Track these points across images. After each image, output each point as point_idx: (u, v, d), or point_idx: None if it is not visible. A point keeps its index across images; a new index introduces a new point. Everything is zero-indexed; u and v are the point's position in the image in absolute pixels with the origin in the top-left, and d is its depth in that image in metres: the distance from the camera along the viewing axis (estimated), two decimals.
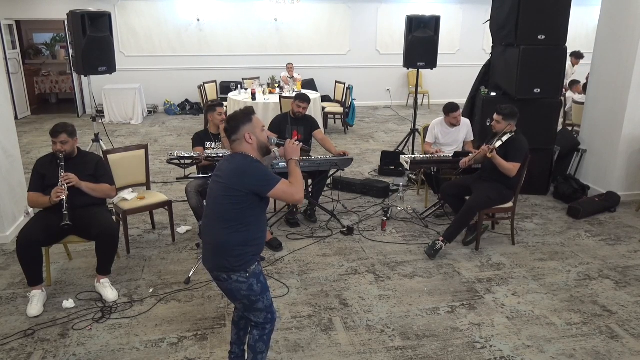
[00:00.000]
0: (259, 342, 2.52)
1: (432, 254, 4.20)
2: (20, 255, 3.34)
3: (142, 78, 10.42)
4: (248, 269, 2.38)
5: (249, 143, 2.39)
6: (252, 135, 2.39)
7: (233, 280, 2.37)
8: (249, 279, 2.38)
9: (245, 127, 2.38)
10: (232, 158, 2.41)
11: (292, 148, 2.51)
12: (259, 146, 2.42)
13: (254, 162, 2.36)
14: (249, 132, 2.38)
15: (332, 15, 11.05)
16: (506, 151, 4.14)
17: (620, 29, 5.26)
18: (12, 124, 4.81)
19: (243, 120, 2.39)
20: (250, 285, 2.38)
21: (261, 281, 2.43)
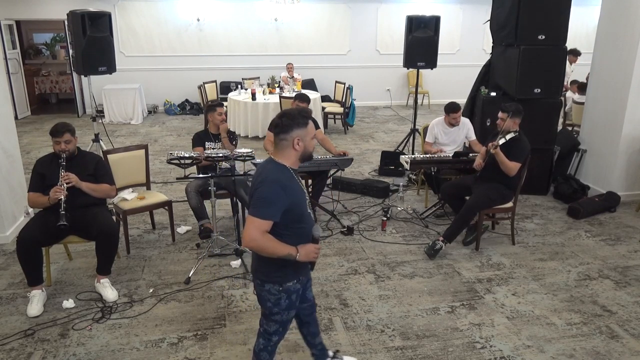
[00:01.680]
0: (263, 351, 2.50)
1: (432, 254, 4.20)
2: (20, 255, 3.34)
3: (142, 78, 10.42)
4: (283, 284, 2.30)
5: (294, 149, 2.20)
6: (301, 142, 2.19)
7: (265, 289, 2.32)
8: (280, 294, 2.31)
9: (297, 132, 2.17)
10: (266, 165, 2.26)
11: (308, 256, 2.24)
12: (303, 155, 2.24)
13: (277, 181, 2.14)
14: (299, 138, 2.18)
15: (332, 15, 11.05)
16: (508, 150, 4.14)
17: (620, 29, 5.26)
18: (12, 124, 4.81)
19: (298, 123, 2.17)
20: (278, 299, 2.32)
21: (291, 299, 2.35)
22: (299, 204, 2.22)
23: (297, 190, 2.22)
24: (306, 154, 2.25)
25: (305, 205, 2.27)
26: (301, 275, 2.36)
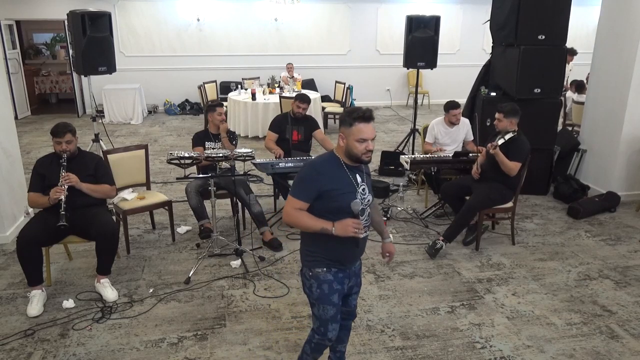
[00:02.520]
0: (306, 343, 2.57)
1: (432, 253, 4.20)
2: (20, 255, 3.34)
3: (142, 78, 10.42)
4: (313, 269, 2.37)
5: (339, 144, 2.33)
6: (345, 140, 2.29)
7: (302, 272, 2.45)
8: (310, 279, 2.38)
9: (342, 129, 2.31)
10: (323, 154, 2.46)
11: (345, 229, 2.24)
12: (347, 152, 2.29)
13: (314, 166, 2.33)
14: (343, 136, 2.30)
15: (332, 15, 11.05)
16: (508, 150, 4.14)
17: (620, 29, 5.26)
18: (12, 124, 4.81)
19: (344, 121, 2.30)
20: (310, 285, 2.39)
21: (322, 289, 2.36)
22: (335, 194, 2.27)
23: (338, 179, 2.29)
24: (352, 154, 2.28)
25: (344, 199, 2.27)
26: (334, 265, 2.37)
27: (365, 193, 2.36)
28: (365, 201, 2.36)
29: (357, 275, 2.57)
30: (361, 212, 2.33)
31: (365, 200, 2.36)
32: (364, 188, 2.36)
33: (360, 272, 2.59)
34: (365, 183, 2.38)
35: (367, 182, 2.41)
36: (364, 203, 2.35)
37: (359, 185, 2.34)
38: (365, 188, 2.37)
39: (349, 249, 2.39)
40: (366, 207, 2.37)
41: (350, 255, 2.43)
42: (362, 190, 2.35)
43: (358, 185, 2.33)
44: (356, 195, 2.32)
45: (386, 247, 2.67)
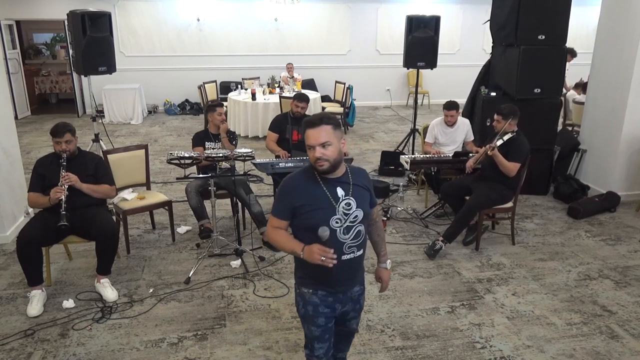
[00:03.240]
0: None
1: (431, 254, 4.20)
2: (20, 255, 3.34)
3: (142, 78, 10.42)
4: (300, 287, 2.21)
5: None
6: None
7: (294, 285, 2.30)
8: (297, 296, 2.24)
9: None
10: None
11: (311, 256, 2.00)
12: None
13: (288, 179, 2.14)
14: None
15: (332, 15, 11.05)
16: (507, 151, 4.14)
17: (620, 29, 5.26)
18: (12, 124, 4.81)
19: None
20: (297, 302, 2.25)
21: (307, 309, 2.19)
22: (308, 210, 2.06)
23: (311, 194, 2.06)
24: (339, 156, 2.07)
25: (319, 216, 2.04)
26: (321, 288, 2.16)
27: (350, 208, 2.08)
28: (351, 218, 2.07)
29: (355, 301, 2.29)
30: (345, 230, 2.06)
31: (349, 217, 2.07)
32: (348, 203, 2.08)
33: (360, 297, 2.31)
34: (352, 196, 2.09)
35: (357, 195, 2.11)
36: (349, 221, 2.07)
37: (340, 200, 2.06)
38: (350, 203, 2.08)
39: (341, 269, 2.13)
40: (356, 225, 2.09)
41: (339, 280, 2.16)
42: (346, 205, 2.07)
43: (339, 199, 2.06)
44: (336, 211, 2.05)
45: (378, 272, 2.44)
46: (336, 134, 2.04)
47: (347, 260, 2.12)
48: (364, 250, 2.19)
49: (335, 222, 2.06)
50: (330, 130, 2.02)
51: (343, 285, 2.19)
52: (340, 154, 2.06)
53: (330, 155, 2.01)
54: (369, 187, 2.22)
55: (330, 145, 2.02)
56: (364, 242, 2.18)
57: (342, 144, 2.09)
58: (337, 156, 2.04)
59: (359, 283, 2.27)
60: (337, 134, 2.05)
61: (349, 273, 2.18)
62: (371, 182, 2.26)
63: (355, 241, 2.12)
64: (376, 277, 2.48)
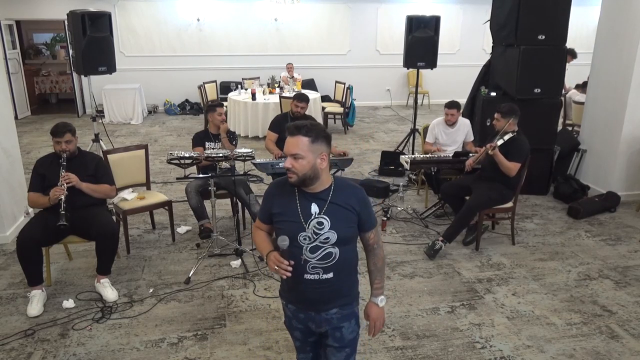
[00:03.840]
0: None
1: (431, 254, 4.20)
2: (20, 255, 3.34)
3: (142, 78, 10.42)
4: (281, 293, 2.15)
5: None
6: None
7: None
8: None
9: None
10: None
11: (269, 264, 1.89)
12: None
13: (273, 184, 2.07)
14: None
15: (332, 15, 11.05)
16: (507, 150, 4.14)
17: (620, 29, 5.26)
18: (12, 124, 4.81)
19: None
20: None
21: (285, 319, 2.16)
22: (280, 219, 1.97)
23: (286, 204, 1.96)
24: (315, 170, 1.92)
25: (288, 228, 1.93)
26: (291, 302, 2.07)
27: (321, 228, 1.90)
28: (321, 238, 1.90)
29: (335, 327, 2.03)
30: (313, 249, 1.91)
31: (320, 237, 1.90)
32: (320, 222, 1.90)
33: (343, 326, 2.03)
34: (326, 215, 1.90)
35: (333, 215, 1.91)
36: (319, 240, 1.91)
37: (311, 217, 1.91)
38: (323, 222, 1.90)
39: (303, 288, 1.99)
40: (326, 247, 1.91)
41: (305, 299, 2.01)
42: (318, 224, 1.90)
43: (310, 216, 1.91)
44: (304, 227, 1.90)
45: (367, 308, 2.13)
46: (313, 148, 1.86)
47: (312, 281, 1.95)
48: (337, 275, 1.96)
49: (303, 238, 1.91)
50: (306, 143, 1.85)
51: (311, 305, 2.02)
52: (314, 169, 1.87)
53: (299, 169, 1.85)
54: (358, 209, 1.97)
55: (301, 159, 1.85)
56: (338, 266, 1.95)
57: (321, 159, 1.88)
58: (309, 171, 1.86)
59: (336, 307, 2.02)
60: (315, 147, 1.86)
61: (316, 295, 1.98)
62: (367, 204, 2.01)
63: (322, 262, 1.93)
64: (364, 313, 2.15)
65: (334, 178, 1.99)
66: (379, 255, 2.11)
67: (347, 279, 2.04)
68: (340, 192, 1.96)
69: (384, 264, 2.13)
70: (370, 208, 2.04)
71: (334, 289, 1.99)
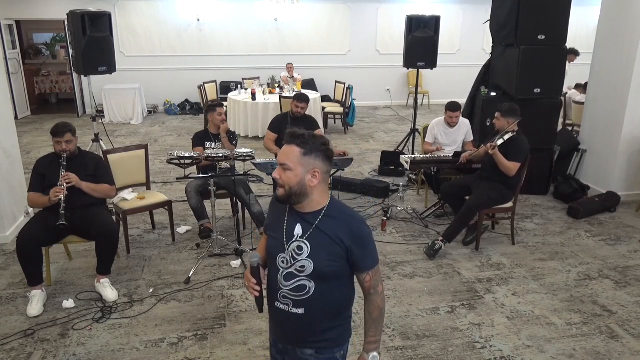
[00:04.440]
0: None
1: (431, 254, 4.20)
2: (20, 255, 3.34)
3: (142, 78, 10.42)
4: None
5: None
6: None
7: None
8: None
9: None
10: None
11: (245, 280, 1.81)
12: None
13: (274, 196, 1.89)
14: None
15: (332, 15, 11.05)
16: (507, 150, 4.14)
17: (620, 29, 5.26)
18: (12, 124, 4.81)
19: None
20: None
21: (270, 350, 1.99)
22: (269, 233, 1.83)
23: (276, 219, 1.80)
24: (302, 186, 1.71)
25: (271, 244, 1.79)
26: (273, 333, 1.89)
27: (300, 254, 1.69)
28: (297, 266, 1.70)
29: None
30: (288, 276, 1.72)
31: (296, 264, 1.70)
32: (300, 246, 1.70)
33: None
34: (308, 242, 1.69)
35: (316, 243, 1.69)
36: (295, 268, 1.71)
37: (293, 239, 1.71)
38: (303, 247, 1.69)
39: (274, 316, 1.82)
40: (301, 277, 1.71)
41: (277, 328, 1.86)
42: (297, 248, 1.70)
43: (292, 238, 1.71)
44: (285, 249, 1.72)
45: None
46: (304, 161, 1.66)
47: (281, 311, 1.76)
48: (310, 313, 1.74)
49: (282, 261, 1.74)
50: (297, 154, 1.66)
51: (283, 336, 1.86)
52: (302, 186, 1.66)
53: (286, 182, 1.66)
54: (348, 244, 1.69)
55: (289, 171, 1.66)
56: (312, 303, 1.72)
57: (312, 176, 1.67)
58: (295, 187, 1.66)
59: (310, 348, 1.80)
60: (307, 161, 1.66)
61: (285, 327, 1.81)
62: (362, 241, 1.72)
63: (293, 294, 1.72)
64: None
65: (331, 199, 1.76)
66: (375, 304, 1.81)
67: (325, 321, 1.78)
68: (332, 218, 1.71)
69: (381, 315, 1.83)
70: (368, 247, 1.74)
71: (305, 327, 1.77)
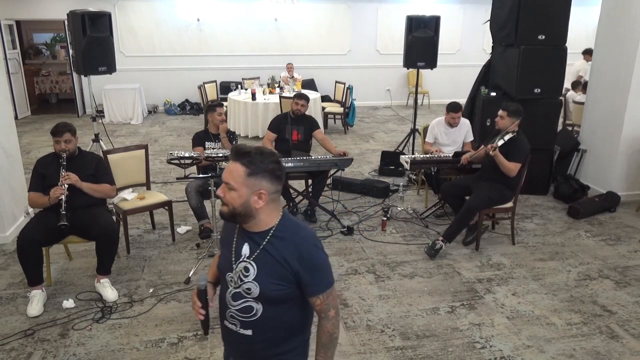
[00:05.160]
0: None
1: (432, 254, 4.20)
2: (20, 255, 3.34)
3: (142, 78, 10.42)
4: None
5: None
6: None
7: None
8: None
9: None
10: None
11: None
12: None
13: None
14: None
15: (332, 15, 11.05)
16: (507, 151, 4.14)
17: (620, 29, 5.26)
18: (12, 124, 4.81)
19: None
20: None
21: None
22: (221, 248, 1.76)
23: (227, 237, 1.73)
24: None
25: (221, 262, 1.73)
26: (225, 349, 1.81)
27: (247, 275, 1.60)
28: (244, 287, 1.61)
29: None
30: (235, 296, 1.64)
31: (243, 285, 1.61)
32: (247, 267, 1.61)
33: None
34: (254, 263, 1.60)
35: (262, 264, 1.59)
36: (242, 288, 1.62)
37: (240, 259, 1.63)
38: (249, 268, 1.60)
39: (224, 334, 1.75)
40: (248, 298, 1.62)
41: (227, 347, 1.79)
42: (244, 269, 1.61)
43: (240, 257, 1.63)
44: (232, 268, 1.64)
45: None
46: (248, 182, 1.53)
47: (230, 330, 1.70)
48: (259, 335, 1.65)
49: (230, 279, 1.66)
50: (241, 173, 1.53)
51: (234, 354, 1.78)
52: (247, 207, 1.55)
53: (230, 202, 1.56)
54: (295, 267, 1.58)
55: (233, 191, 1.55)
56: (260, 326, 1.64)
57: (258, 197, 1.55)
58: (241, 208, 1.55)
59: None
60: (251, 182, 1.54)
61: (235, 347, 1.73)
62: (312, 264, 1.61)
63: (241, 315, 1.65)
64: None
65: (282, 219, 1.63)
66: (324, 329, 1.68)
67: (275, 346, 1.68)
68: (280, 240, 1.60)
69: (330, 341, 1.69)
70: (319, 271, 1.64)
71: (253, 349, 1.68)
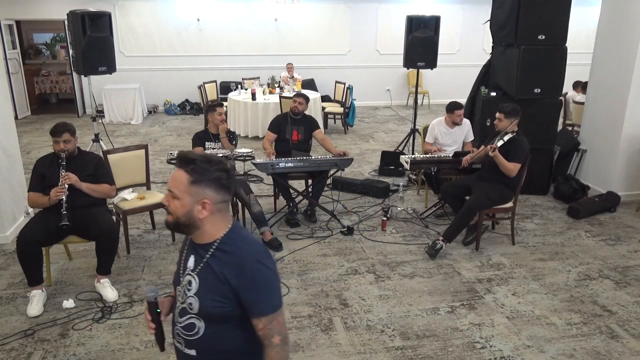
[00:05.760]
0: None
1: (432, 253, 4.20)
2: (20, 255, 3.34)
3: (142, 78, 10.42)
4: None
5: None
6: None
7: None
8: None
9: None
10: None
11: None
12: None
13: None
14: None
15: (332, 15, 11.05)
16: (507, 151, 4.15)
17: (620, 29, 5.26)
18: (12, 124, 4.81)
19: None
20: None
21: None
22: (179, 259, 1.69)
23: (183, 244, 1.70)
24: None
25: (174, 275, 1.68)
26: None
27: (190, 289, 1.53)
28: (187, 302, 1.55)
29: None
30: (181, 312, 1.57)
31: (186, 299, 1.55)
32: (190, 281, 1.54)
33: None
34: (197, 277, 1.52)
35: (204, 279, 1.51)
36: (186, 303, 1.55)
37: (185, 272, 1.57)
38: (192, 282, 1.53)
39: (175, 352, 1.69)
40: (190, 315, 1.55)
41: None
42: (188, 283, 1.54)
43: (186, 270, 1.57)
44: (181, 281, 1.58)
45: None
46: (191, 190, 1.46)
47: (177, 349, 1.64)
48: (202, 356, 1.58)
49: (178, 293, 1.59)
50: (184, 181, 1.46)
51: None
52: (190, 217, 1.48)
53: (174, 211, 1.49)
54: (235, 285, 1.47)
55: (176, 199, 1.48)
56: (203, 346, 1.56)
57: (201, 207, 1.47)
58: (184, 218, 1.48)
59: None
60: (195, 190, 1.46)
61: None
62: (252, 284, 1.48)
63: (185, 333, 1.58)
64: None
65: (229, 231, 1.54)
66: (268, 357, 1.52)
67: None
68: (224, 253, 1.50)
69: None
70: (263, 290, 1.49)
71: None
